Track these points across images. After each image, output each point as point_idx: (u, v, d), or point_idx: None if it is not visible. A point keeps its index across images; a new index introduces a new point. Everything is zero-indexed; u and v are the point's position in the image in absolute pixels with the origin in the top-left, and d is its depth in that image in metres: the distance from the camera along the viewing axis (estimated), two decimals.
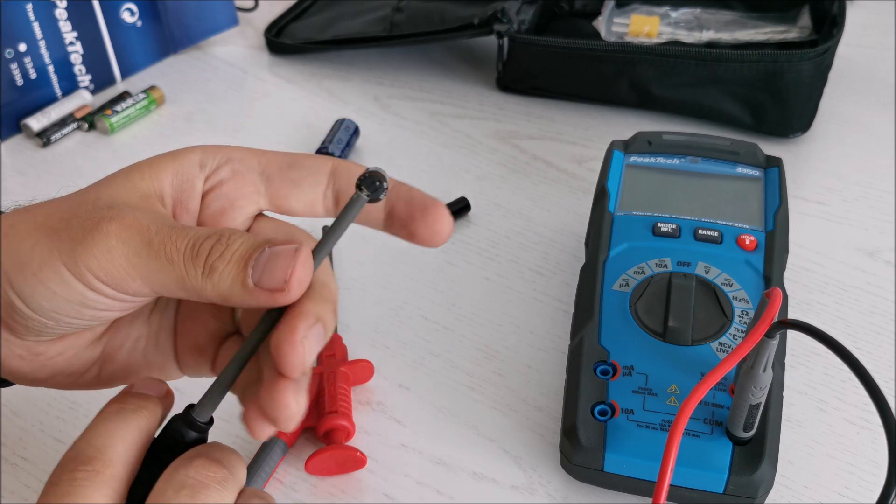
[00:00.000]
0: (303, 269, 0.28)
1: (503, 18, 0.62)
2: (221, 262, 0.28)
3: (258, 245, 0.29)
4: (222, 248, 0.28)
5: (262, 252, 0.28)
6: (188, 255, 0.28)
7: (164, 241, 0.28)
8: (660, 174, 0.48)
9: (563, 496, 0.40)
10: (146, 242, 0.28)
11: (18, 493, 0.40)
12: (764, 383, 0.34)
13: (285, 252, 0.28)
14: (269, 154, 0.32)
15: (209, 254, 0.28)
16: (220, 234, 0.29)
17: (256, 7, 0.75)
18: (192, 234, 0.29)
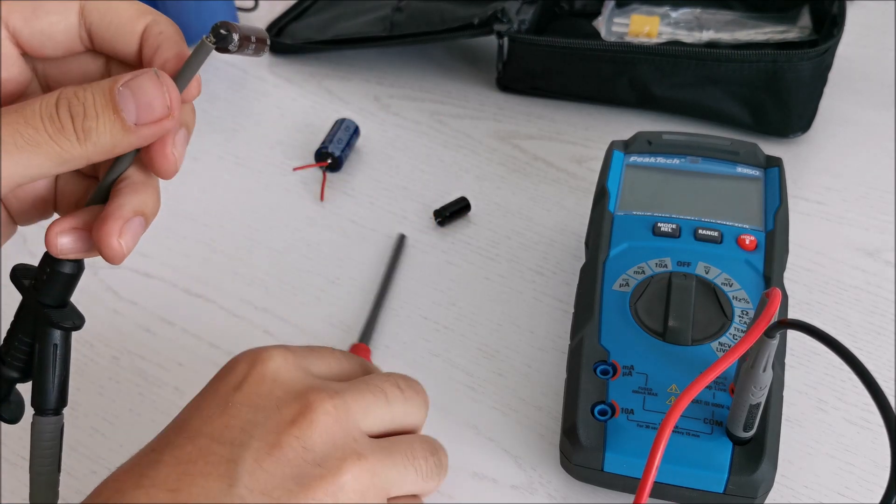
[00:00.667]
0: (174, 90, 0.29)
1: (503, 18, 0.62)
2: (89, 121, 0.28)
3: (111, 87, 0.28)
4: (81, 109, 0.28)
5: (120, 90, 0.28)
6: (51, 130, 0.28)
7: (15, 129, 0.27)
8: (660, 174, 0.48)
9: (563, 496, 0.40)
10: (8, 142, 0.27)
11: (18, 493, 0.40)
12: (764, 383, 0.34)
13: (148, 81, 0.29)
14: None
15: (72, 119, 0.28)
16: (68, 98, 0.28)
17: (256, 7, 0.75)
18: (39, 108, 0.28)
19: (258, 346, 0.36)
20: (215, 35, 0.30)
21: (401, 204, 0.56)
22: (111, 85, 0.28)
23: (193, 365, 0.46)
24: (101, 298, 0.50)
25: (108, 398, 0.44)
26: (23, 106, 0.28)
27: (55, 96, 0.28)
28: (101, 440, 0.42)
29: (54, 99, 0.28)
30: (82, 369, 0.46)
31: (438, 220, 0.54)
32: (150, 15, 0.32)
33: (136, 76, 0.29)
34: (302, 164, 0.59)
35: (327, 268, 0.52)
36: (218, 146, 0.62)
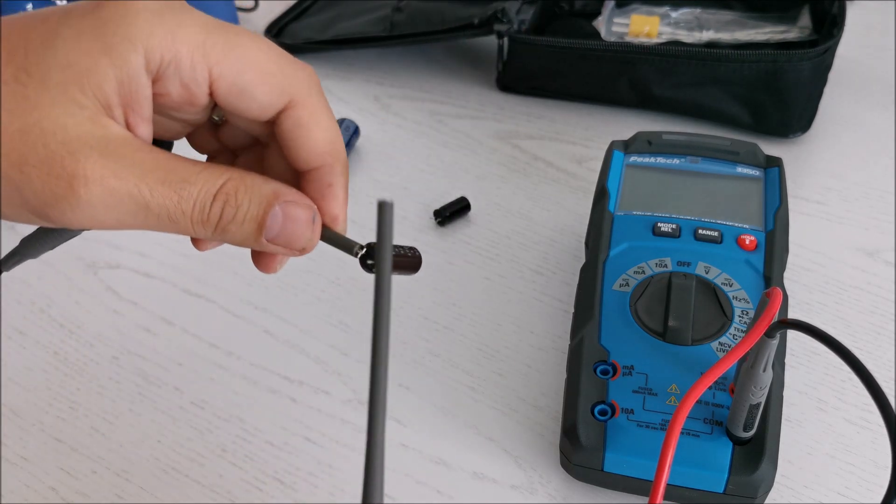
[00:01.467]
0: (317, 237, 0.29)
1: (503, 18, 0.62)
2: (234, 224, 0.28)
3: (270, 203, 0.28)
4: (233, 212, 0.28)
5: (275, 211, 0.28)
6: (196, 219, 0.28)
7: (163, 204, 0.27)
8: (660, 174, 0.48)
9: (563, 496, 0.40)
10: (143, 206, 0.27)
11: (18, 493, 0.40)
12: (764, 383, 0.34)
13: (304, 220, 0.29)
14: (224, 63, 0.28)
15: (220, 219, 0.28)
16: (227, 194, 0.28)
17: (256, 7, 0.75)
18: (196, 194, 0.27)
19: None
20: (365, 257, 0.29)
21: (401, 204, 0.56)
22: (270, 201, 0.28)
23: (193, 365, 0.46)
24: (102, 298, 0.50)
25: (108, 398, 0.44)
26: (184, 180, 0.27)
27: (216, 188, 0.27)
28: (101, 440, 0.42)
29: (213, 192, 0.27)
30: (82, 369, 0.46)
31: (438, 220, 0.54)
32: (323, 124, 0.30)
33: (296, 205, 0.29)
34: None
35: (327, 268, 0.52)
36: None
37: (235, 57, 0.28)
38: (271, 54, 0.29)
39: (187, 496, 0.40)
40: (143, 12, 0.26)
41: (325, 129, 0.30)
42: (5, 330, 0.48)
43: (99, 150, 0.26)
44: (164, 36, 0.26)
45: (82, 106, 0.26)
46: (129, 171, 0.26)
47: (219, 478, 0.41)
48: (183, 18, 0.27)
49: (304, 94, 0.29)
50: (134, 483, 0.41)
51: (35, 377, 0.46)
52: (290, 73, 0.29)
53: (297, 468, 0.41)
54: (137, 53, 0.26)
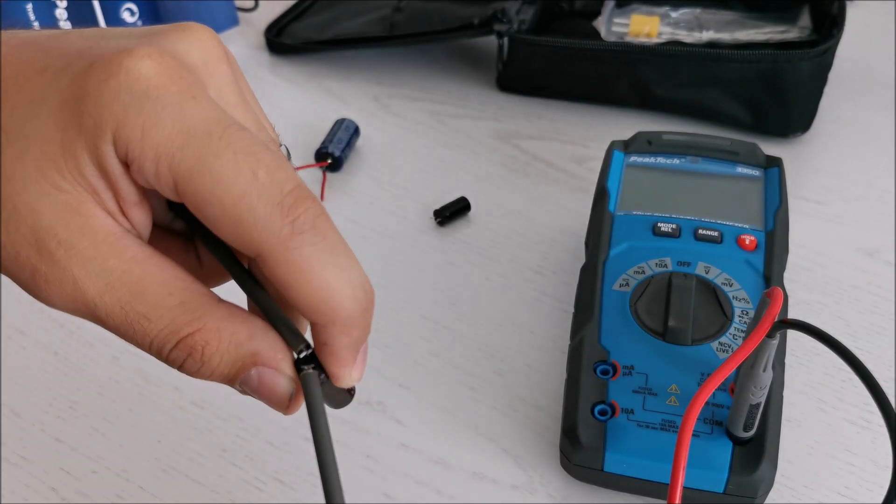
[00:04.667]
0: (295, 410, 0.25)
1: (503, 18, 0.62)
2: (197, 373, 0.25)
3: (245, 367, 0.24)
4: (196, 367, 0.24)
5: (250, 374, 0.25)
6: (151, 353, 0.25)
7: (118, 327, 0.24)
8: (660, 174, 0.48)
9: (563, 496, 0.40)
10: (96, 318, 0.24)
11: (18, 493, 0.40)
12: (764, 383, 0.34)
13: (279, 393, 0.25)
14: (189, 186, 0.23)
15: (181, 366, 0.25)
16: (192, 348, 0.24)
17: (256, 7, 0.75)
18: (154, 334, 0.24)
19: None
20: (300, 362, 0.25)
21: (401, 204, 0.56)
22: (246, 364, 0.24)
23: None
24: None
25: (108, 398, 0.44)
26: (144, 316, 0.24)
27: (179, 336, 0.24)
28: (101, 440, 0.42)
29: (175, 340, 0.24)
30: (82, 369, 0.46)
31: (438, 220, 0.54)
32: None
33: (275, 375, 0.25)
34: (302, 164, 0.59)
35: None
36: None
37: (203, 183, 0.23)
38: (251, 189, 0.23)
39: (187, 496, 0.40)
40: (123, 93, 0.22)
41: (310, 288, 0.23)
42: (5, 330, 0.48)
43: (66, 247, 0.23)
44: (132, 129, 0.22)
45: (60, 189, 0.23)
46: (91, 280, 0.23)
47: (219, 478, 0.41)
48: (163, 114, 0.23)
49: (275, 251, 0.23)
50: (134, 483, 0.41)
51: (35, 377, 0.46)
52: (260, 223, 0.23)
53: (297, 468, 0.41)
54: (105, 140, 0.23)
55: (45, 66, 0.24)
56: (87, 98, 0.22)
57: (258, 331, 0.25)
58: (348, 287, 0.24)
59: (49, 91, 0.23)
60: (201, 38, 0.25)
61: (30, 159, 0.23)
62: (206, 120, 0.23)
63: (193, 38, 0.25)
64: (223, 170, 0.23)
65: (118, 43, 0.24)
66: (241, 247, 0.23)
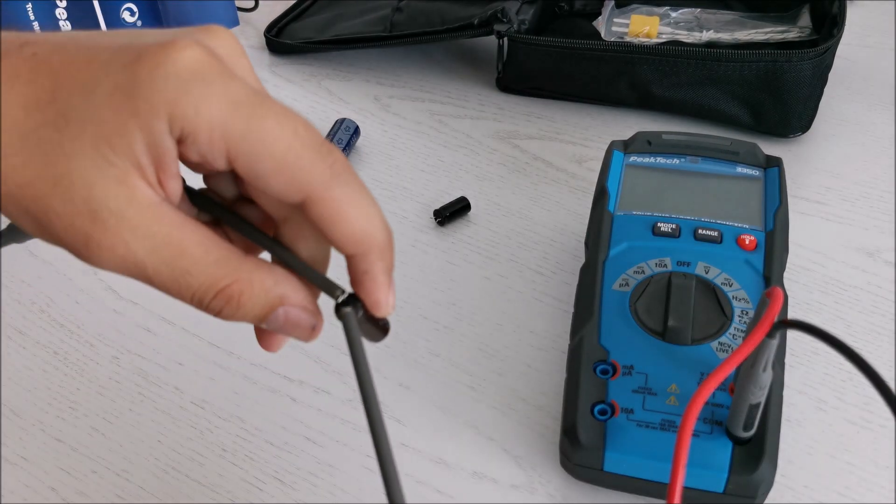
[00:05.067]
0: (316, 336, 0.30)
1: (503, 18, 0.62)
2: (232, 318, 0.29)
3: (274, 306, 0.29)
4: (233, 311, 0.28)
5: (277, 313, 0.29)
6: (194, 304, 0.28)
7: (165, 283, 0.28)
8: (660, 174, 0.48)
9: (563, 496, 0.40)
10: (145, 276, 0.27)
11: (18, 493, 0.40)
12: (764, 383, 0.34)
13: (303, 325, 0.29)
14: (241, 146, 0.27)
15: (219, 312, 0.28)
16: (229, 296, 0.28)
17: (256, 7, 0.75)
18: (196, 287, 0.28)
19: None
20: (340, 305, 0.29)
21: (401, 204, 0.56)
22: (274, 304, 0.29)
23: (193, 365, 0.46)
24: (102, 298, 0.50)
25: (108, 398, 0.44)
26: (186, 271, 0.27)
27: (218, 287, 0.28)
28: (101, 440, 0.42)
29: (214, 290, 0.28)
30: (82, 369, 0.46)
31: (438, 220, 0.54)
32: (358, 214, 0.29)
33: (301, 310, 0.29)
34: None
35: None
36: None
37: (255, 141, 0.27)
38: (294, 142, 0.27)
39: (187, 496, 0.40)
40: (172, 79, 0.26)
41: (352, 220, 0.28)
42: (5, 330, 0.48)
43: (117, 216, 0.26)
44: (186, 108, 0.26)
45: (112, 164, 0.26)
46: (140, 243, 0.27)
47: (219, 478, 0.41)
48: (211, 91, 0.26)
49: (321, 189, 0.28)
50: (134, 483, 0.41)
51: (35, 377, 0.46)
52: (309, 163, 0.27)
53: (297, 468, 0.41)
54: (161, 120, 0.26)
55: (91, 58, 0.27)
56: (141, 85, 0.26)
57: (282, 277, 0.29)
58: (378, 219, 0.29)
59: (100, 80, 0.26)
60: (223, 36, 0.29)
61: (86, 139, 0.26)
62: (247, 93, 0.27)
63: (217, 37, 0.29)
64: (270, 129, 0.27)
65: (156, 38, 0.27)
66: (290, 192, 0.28)
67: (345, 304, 0.29)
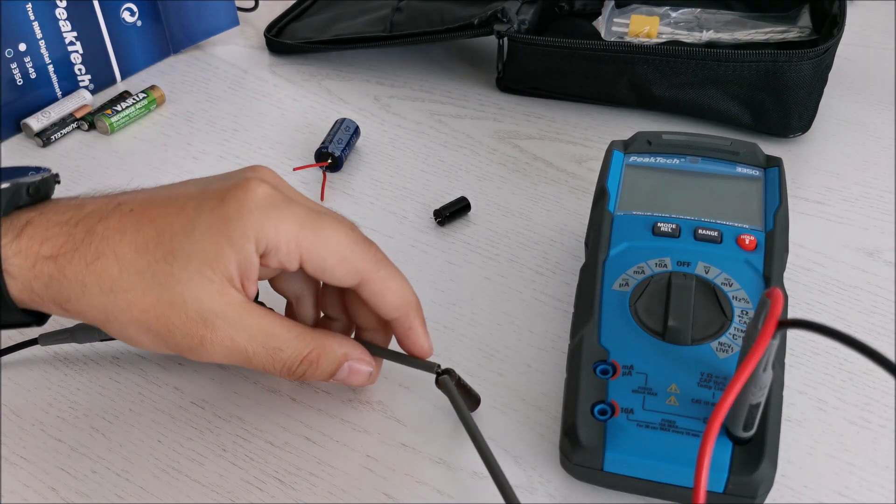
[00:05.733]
0: (373, 381, 0.42)
1: (503, 18, 0.62)
2: (310, 377, 0.39)
3: (341, 362, 0.39)
4: (314, 371, 0.38)
5: (343, 368, 0.39)
6: (283, 374, 0.38)
7: (262, 361, 0.37)
8: (660, 174, 0.48)
9: (563, 496, 0.40)
10: (246, 360, 0.37)
11: (18, 493, 0.40)
12: (764, 383, 0.34)
13: (363, 373, 0.40)
14: (311, 251, 0.37)
15: (303, 375, 0.38)
16: (311, 361, 0.38)
17: (256, 7, 0.75)
18: (286, 360, 0.37)
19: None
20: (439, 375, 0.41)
21: (401, 204, 0.56)
22: (341, 360, 0.39)
23: (193, 365, 0.46)
24: None
25: (108, 398, 0.44)
26: (278, 348, 0.37)
27: (302, 356, 0.38)
28: (101, 440, 0.42)
29: (300, 359, 0.38)
30: (83, 369, 0.46)
31: (438, 220, 0.54)
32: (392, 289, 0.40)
33: (360, 362, 0.40)
34: (302, 164, 0.59)
35: None
36: (218, 146, 0.62)
37: (320, 245, 0.37)
38: (348, 241, 0.38)
39: (187, 496, 0.40)
40: (255, 211, 0.35)
41: (395, 292, 0.39)
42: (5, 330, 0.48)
43: (222, 318, 0.35)
44: (269, 230, 0.35)
45: (212, 281, 0.35)
46: (241, 335, 0.36)
47: (219, 478, 0.41)
48: (284, 215, 0.36)
49: (372, 271, 0.38)
50: (134, 483, 0.41)
51: (35, 377, 0.46)
52: (360, 255, 0.38)
53: (297, 468, 0.41)
54: (251, 243, 0.35)
55: (181, 207, 0.36)
56: (231, 220, 0.35)
57: (344, 340, 0.40)
58: (410, 289, 0.40)
59: (195, 222, 0.35)
60: (269, 171, 0.39)
61: (192, 266, 0.35)
62: (307, 211, 0.37)
63: (267, 172, 0.39)
64: (329, 236, 0.37)
65: (227, 182, 0.37)
66: (349, 278, 0.38)
67: (442, 374, 0.40)
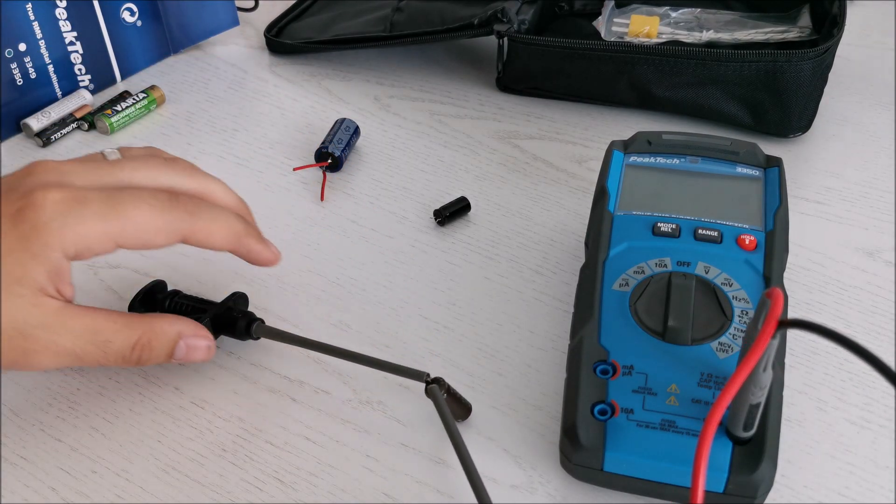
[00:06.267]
0: (211, 356, 0.42)
1: (503, 18, 0.62)
2: (149, 361, 0.39)
3: (175, 342, 0.40)
4: (148, 355, 0.39)
5: (179, 346, 0.40)
6: (119, 363, 0.38)
7: (94, 357, 0.37)
8: (660, 174, 0.48)
9: (563, 496, 0.40)
10: (78, 359, 0.37)
11: (18, 493, 0.40)
12: (764, 383, 0.34)
13: (201, 347, 0.41)
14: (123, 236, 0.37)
15: (138, 360, 0.39)
16: (142, 346, 0.38)
17: (256, 7, 0.75)
18: (117, 349, 0.38)
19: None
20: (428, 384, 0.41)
21: (401, 204, 0.56)
22: (175, 340, 0.40)
23: (193, 365, 0.46)
24: (102, 298, 0.50)
25: (108, 398, 0.44)
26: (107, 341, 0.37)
27: (132, 342, 0.38)
28: (101, 440, 0.42)
29: (130, 345, 0.38)
30: (83, 369, 0.46)
31: (438, 220, 0.54)
32: None
33: (195, 338, 0.40)
34: (302, 165, 0.59)
35: (327, 268, 0.52)
36: (218, 146, 0.62)
37: (130, 229, 0.37)
38: (154, 211, 0.37)
39: (187, 496, 0.40)
40: (51, 223, 0.35)
41: (219, 231, 0.40)
42: None
43: (41, 328, 0.36)
44: (73, 237, 0.35)
45: (22, 296, 0.35)
46: (65, 338, 0.36)
47: (219, 478, 0.41)
48: (83, 216, 0.35)
49: (189, 227, 0.38)
50: (134, 483, 0.41)
51: (35, 377, 0.46)
52: (172, 219, 0.38)
53: (297, 468, 0.41)
54: (56, 252, 0.35)
55: None
56: (30, 239, 0.35)
57: (174, 319, 0.40)
58: (231, 218, 0.41)
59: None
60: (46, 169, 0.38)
61: (6, 292, 0.35)
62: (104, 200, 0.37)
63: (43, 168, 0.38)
64: (134, 215, 0.37)
65: (10, 203, 0.36)
66: (172, 241, 0.38)
67: (431, 383, 0.41)
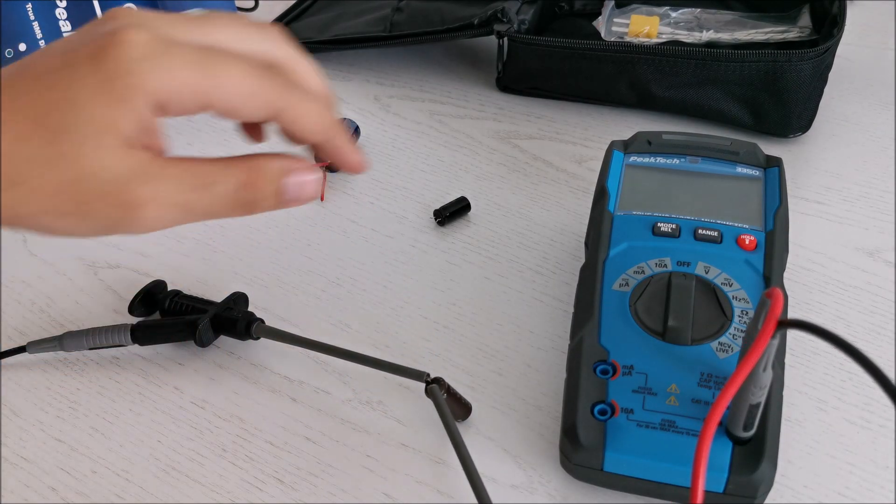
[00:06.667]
0: (324, 183, 0.36)
1: (503, 18, 0.62)
2: (260, 203, 0.34)
3: (281, 178, 0.34)
4: (257, 195, 0.34)
5: (287, 182, 0.34)
6: (230, 209, 0.33)
7: (202, 206, 0.32)
8: (659, 174, 0.48)
9: (563, 496, 0.40)
10: (187, 210, 0.32)
11: (18, 493, 0.40)
12: (764, 383, 0.34)
13: (310, 180, 0.35)
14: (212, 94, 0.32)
15: (248, 202, 0.34)
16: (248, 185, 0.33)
17: (256, 7, 0.75)
18: (224, 191, 0.33)
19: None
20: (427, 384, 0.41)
21: (401, 204, 0.56)
22: (280, 176, 0.34)
23: (193, 365, 0.46)
24: (101, 298, 0.50)
25: (108, 398, 0.44)
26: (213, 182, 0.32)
27: (239, 182, 0.33)
28: (101, 440, 0.42)
29: (238, 186, 0.33)
30: (83, 369, 0.46)
31: (438, 220, 0.54)
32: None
33: (301, 171, 0.35)
34: None
35: (327, 268, 0.52)
36: (218, 146, 0.62)
37: (221, 86, 0.32)
38: (249, 74, 0.32)
39: (187, 496, 0.40)
40: (140, 63, 0.30)
41: (312, 114, 0.35)
42: (5, 330, 0.48)
43: (141, 177, 0.31)
44: (161, 81, 0.31)
45: (113, 147, 0.30)
46: (169, 186, 0.31)
47: (219, 478, 0.41)
48: (174, 61, 0.31)
49: (283, 99, 0.34)
50: (134, 483, 0.41)
51: (35, 377, 0.46)
52: (267, 86, 0.33)
53: (297, 468, 0.41)
54: (145, 98, 0.30)
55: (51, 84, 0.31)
56: (115, 80, 0.30)
57: (274, 156, 0.35)
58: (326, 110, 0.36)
59: (75, 93, 0.30)
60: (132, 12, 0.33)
61: (89, 139, 0.30)
62: (197, 49, 0.32)
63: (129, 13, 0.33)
64: (228, 72, 0.32)
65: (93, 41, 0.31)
66: (261, 113, 0.33)
67: (431, 383, 0.40)
